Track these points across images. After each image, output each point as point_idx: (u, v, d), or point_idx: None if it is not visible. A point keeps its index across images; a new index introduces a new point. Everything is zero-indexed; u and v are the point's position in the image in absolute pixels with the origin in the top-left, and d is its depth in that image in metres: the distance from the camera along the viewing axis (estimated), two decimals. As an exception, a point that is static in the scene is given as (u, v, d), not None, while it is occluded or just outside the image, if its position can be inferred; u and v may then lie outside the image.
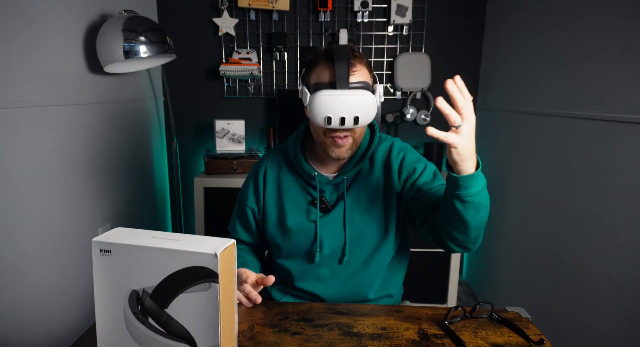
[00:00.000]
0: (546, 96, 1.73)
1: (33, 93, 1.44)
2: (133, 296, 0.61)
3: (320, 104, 0.87)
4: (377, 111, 0.91)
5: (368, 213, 1.01)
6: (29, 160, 1.43)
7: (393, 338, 0.81)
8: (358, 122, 0.88)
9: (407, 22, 2.29)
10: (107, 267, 0.60)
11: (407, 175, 1.00)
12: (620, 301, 1.27)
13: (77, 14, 1.67)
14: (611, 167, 1.33)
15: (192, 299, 0.60)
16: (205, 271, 0.58)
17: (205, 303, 0.59)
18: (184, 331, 0.61)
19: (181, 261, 0.58)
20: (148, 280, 0.60)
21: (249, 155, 2.21)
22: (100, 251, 0.60)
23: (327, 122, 0.88)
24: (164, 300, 0.60)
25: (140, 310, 0.61)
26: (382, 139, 1.07)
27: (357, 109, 0.87)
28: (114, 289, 0.61)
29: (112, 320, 0.62)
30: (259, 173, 1.09)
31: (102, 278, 0.61)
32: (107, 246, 0.60)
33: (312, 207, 1.02)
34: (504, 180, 2.11)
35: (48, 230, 1.53)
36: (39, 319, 1.47)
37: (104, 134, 1.88)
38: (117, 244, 0.60)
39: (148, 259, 0.59)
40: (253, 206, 1.08)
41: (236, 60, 2.26)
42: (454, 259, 2.18)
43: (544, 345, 0.77)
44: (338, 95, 0.86)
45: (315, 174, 1.01)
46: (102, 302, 0.62)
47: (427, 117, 2.38)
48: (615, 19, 1.34)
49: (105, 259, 0.60)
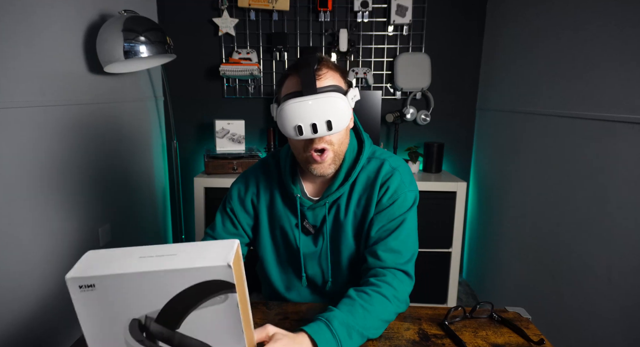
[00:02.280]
0: (546, 96, 1.73)
1: (33, 93, 1.44)
2: (134, 324, 0.53)
3: (288, 113, 0.82)
4: (351, 115, 0.83)
5: (350, 237, 0.97)
6: (29, 160, 1.43)
7: (393, 338, 0.81)
8: (332, 127, 0.82)
9: (407, 22, 2.29)
10: (93, 303, 0.50)
11: (381, 208, 0.94)
12: (620, 301, 1.27)
13: (77, 14, 1.67)
14: (611, 167, 1.33)
15: (208, 313, 0.53)
16: (217, 283, 0.51)
17: (224, 315, 0.54)
18: (201, 345, 0.56)
19: (188, 278, 0.51)
20: (148, 306, 0.52)
21: (249, 155, 2.21)
22: (80, 288, 0.49)
23: (299, 131, 0.82)
24: (173, 321, 0.53)
25: (147, 336, 0.54)
26: (373, 156, 0.98)
27: (327, 112, 0.81)
28: (107, 324, 0.52)
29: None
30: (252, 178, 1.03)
31: (88, 316, 0.51)
32: (87, 280, 0.49)
33: (296, 230, 0.99)
34: (504, 180, 2.11)
35: (48, 230, 1.53)
36: (39, 319, 1.47)
37: (104, 134, 1.87)
38: (101, 276, 0.49)
39: (144, 285, 0.50)
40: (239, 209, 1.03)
41: (236, 60, 2.26)
42: (454, 259, 2.18)
43: (544, 345, 0.77)
44: (305, 101, 0.81)
45: (298, 196, 0.95)
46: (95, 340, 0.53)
47: (427, 117, 2.38)
48: (615, 19, 1.34)
49: (89, 295, 0.50)
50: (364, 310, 0.81)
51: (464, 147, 2.53)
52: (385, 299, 0.84)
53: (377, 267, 0.90)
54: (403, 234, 0.92)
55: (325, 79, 0.85)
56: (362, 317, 0.80)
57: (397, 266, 0.89)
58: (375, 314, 0.81)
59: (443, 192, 2.10)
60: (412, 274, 0.92)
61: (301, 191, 0.97)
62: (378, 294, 0.84)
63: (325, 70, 0.87)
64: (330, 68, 0.88)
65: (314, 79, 0.82)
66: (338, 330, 0.76)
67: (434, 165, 2.30)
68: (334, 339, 0.75)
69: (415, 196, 0.96)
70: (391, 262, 0.90)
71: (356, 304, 0.81)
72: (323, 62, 0.88)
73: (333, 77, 0.87)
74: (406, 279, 0.90)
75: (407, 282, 0.90)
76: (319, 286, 1.03)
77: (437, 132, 2.49)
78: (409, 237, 0.93)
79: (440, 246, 2.17)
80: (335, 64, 0.91)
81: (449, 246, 2.17)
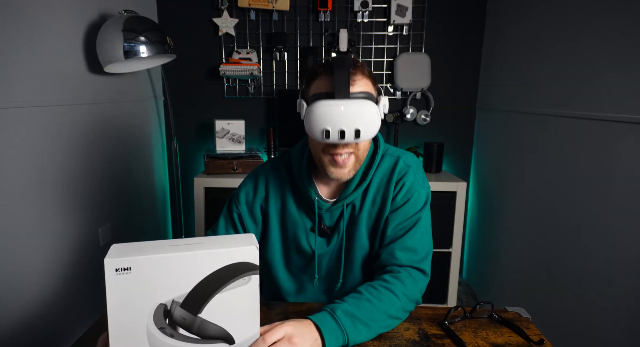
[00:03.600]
0: (546, 96, 1.73)
1: (33, 93, 1.44)
2: (159, 310, 0.56)
3: (318, 116, 0.78)
4: (379, 124, 0.81)
5: (365, 236, 0.97)
6: (29, 160, 1.43)
7: (393, 338, 0.81)
8: (360, 135, 0.79)
9: (407, 22, 2.29)
10: (127, 286, 0.54)
11: (396, 206, 0.94)
12: (620, 301, 1.27)
13: (77, 14, 1.67)
14: (611, 167, 1.33)
15: (230, 296, 0.59)
16: (244, 265, 0.58)
17: (245, 297, 0.60)
18: (220, 331, 0.60)
19: (218, 260, 0.57)
20: (177, 290, 0.56)
21: (249, 155, 2.21)
22: (117, 271, 0.53)
23: (326, 135, 0.79)
24: (197, 306, 0.58)
25: (169, 323, 0.57)
26: (386, 153, 0.97)
27: (358, 120, 0.78)
28: (136, 308, 0.55)
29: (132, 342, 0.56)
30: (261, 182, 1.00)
31: (120, 299, 0.54)
32: (125, 263, 0.53)
33: (311, 233, 0.97)
34: (504, 180, 2.11)
35: (48, 230, 1.53)
36: (39, 318, 1.47)
37: (104, 134, 1.87)
38: (139, 259, 0.53)
39: (177, 268, 0.55)
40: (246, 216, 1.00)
41: (236, 60, 2.26)
42: (454, 259, 2.18)
43: (544, 345, 0.77)
44: (337, 105, 0.78)
45: (315, 199, 0.94)
46: (118, 325, 0.55)
47: (427, 117, 2.38)
48: (615, 19, 1.34)
49: (124, 278, 0.53)
50: (370, 303, 0.81)
51: (464, 147, 2.53)
52: (393, 295, 0.84)
53: (393, 264, 0.91)
54: (419, 232, 0.93)
55: (359, 85, 0.82)
56: (368, 310, 0.80)
57: (413, 264, 0.91)
58: (382, 309, 0.81)
59: (443, 192, 2.10)
60: (427, 271, 0.93)
61: (316, 194, 0.95)
62: (386, 289, 0.84)
63: (361, 77, 0.83)
64: (364, 74, 0.85)
65: (348, 83, 0.79)
66: (342, 319, 0.77)
67: (434, 165, 2.30)
68: (338, 328, 0.75)
69: (428, 193, 0.98)
70: (407, 260, 0.91)
71: (363, 297, 0.82)
72: (358, 66, 0.84)
73: (366, 84, 0.84)
74: (421, 276, 0.91)
75: (421, 280, 0.91)
76: (329, 287, 1.03)
77: (437, 132, 2.49)
78: (424, 236, 0.94)
79: (440, 246, 2.17)
80: (370, 71, 0.87)
81: (449, 246, 2.17)
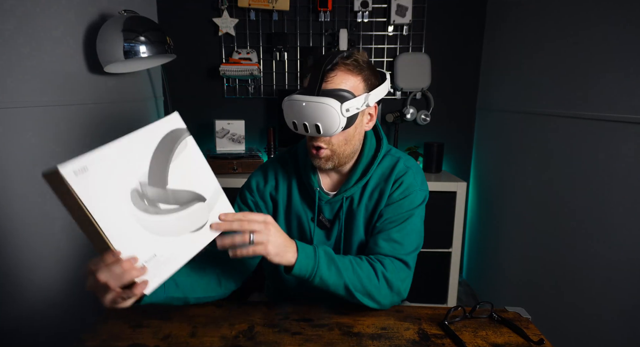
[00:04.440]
0: (546, 96, 1.73)
1: (33, 93, 1.44)
2: (135, 195, 0.60)
3: (286, 109, 0.87)
4: (343, 122, 0.84)
5: (361, 229, 0.99)
6: (29, 160, 1.43)
7: (393, 338, 0.81)
8: (320, 131, 0.84)
9: (407, 22, 2.29)
10: (92, 184, 0.56)
11: (391, 202, 0.96)
12: (620, 301, 1.27)
13: (77, 14, 1.67)
14: (611, 167, 1.33)
15: (181, 163, 0.66)
16: (175, 133, 0.66)
17: (191, 157, 0.68)
18: (191, 194, 0.67)
19: (153, 136, 0.63)
20: (138, 172, 0.61)
21: (249, 155, 2.21)
22: (75, 173, 0.54)
23: (294, 127, 0.87)
24: (161, 180, 0.63)
25: (148, 203, 0.62)
26: (388, 153, 1.01)
27: (317, 117, 0.83)
28: (112, 202, 0.58)
29: (128, 233, 0.60)
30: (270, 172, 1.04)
31: (94, 198, 0.56)
32: (78, 163, 0.55)
33: (311, 223, 1.00)
34: (504, 180, 2.11)
35: (48, 230, 1.53)
36: (39, 318, 1.47)
37: (104, 134, 1.87)
38: (89, 157, 0.56)
39: (126, 156, 0.59)
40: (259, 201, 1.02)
41: (236, 60, 2.26)
42: (454, 259, 2.18)
43: (544, 345, 0.77)
44: (299, 101, 0.84)
45: (317, 190, 0.97)
46: (109, 223, 0.58)
47: (427, 117, 2.38)
48: (615, 18, 1.34)
49: (85, 178, 0.55)
50: (351, 264, 0.86)
51: (464, 147, 2.53)
52: (373, 271, 0.87)
53: (377, 253, 0.92)
54: (407, 228, 0.94)
55: (333, 82, 0.85)
56: (347, 267, 0.85)
57: (397, 255, 0.91)
58: (360, 274, 0.86)
59: (443, 192, 2.10)
60: (411, 265, 0.93)
61: (319, 185, 0.99)
62: (369, 264, 0.88)
63: (341, 73, 0.85)
64: (348, 71, 0.86)
65: (318, 81, 0.84)
66: (320, 255, 0.83)
67: (434, 165, 2.30)
68: (313, 259, 0.82)
69: (425, 195, 0.99)
70: (390, 250, 0.91)
71: (347, 258, 0.88)
72: (346, 63, 0.86)
73: (345, 80, 0.85)
74: (403, 267, 0.91)
75: (403, 270, 0.91)
76: None
77: (437, 132, 2.49)
78: (413, 232, 0.94)
79: (440, 246, 2.17)
80: (361, 64, 0.88)
81: (449, 246, 2.17)
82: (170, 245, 0.65)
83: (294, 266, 0.80)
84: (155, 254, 0.63)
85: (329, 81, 0.85)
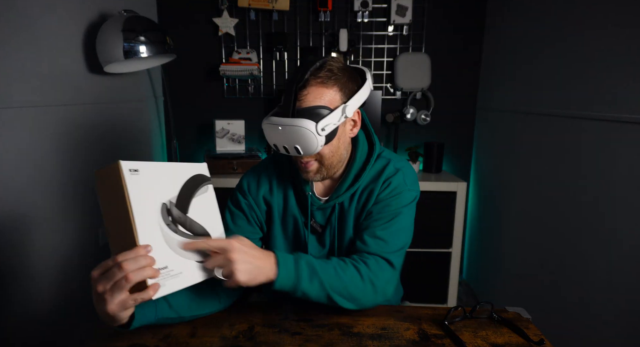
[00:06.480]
0: (546, 96, 1.73)
1: (33, 93, 1.44)
2: (164, 209, 0.70)
3: (265, 131, 0.87)
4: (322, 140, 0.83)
5: (352, 231, 0.98)
6: (28, 160, 1.43)
7: (393, 338, 0.81)
8: (300, 152, 0.84)
9: (407, 22, 2.29)
10: (139, 184, 0.67)
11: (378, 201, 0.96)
12: (620, 301, 1.27)
13: (76, 14, 1.67)
14: (611, 167, 1.33)
15: (201, 201, 0.77)
16: (203, 176, 0.79)
17: (208, 200, 0.79)
18: (202, 228, 0.77)
19: (187, 172, 0.76)
20: (171, 191, 0.72)
21: (249, 155, 2.21)
22: (130, 171, 0.66)
23: (276, 148, 0.87)
24: (184, 206, 0.74)
25: (172, 220, 0.71)
26: (380, 156, 1.00)
27: (294, 139, 0.82)
28: (148, 204, 0.68)
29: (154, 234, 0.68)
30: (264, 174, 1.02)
31: (137, 195, 0.66)
32: (134, 165, 0.67)
33: (305, 229, 1.00)
34: (504, 180, 2.11)
35: (48, 230, 1.53)
36: (39, 318, 1.47)
37: (103, 134, 1.87)
38: (142, 163, 0.68)
39: (167, 174, 0.72)
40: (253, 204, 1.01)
41: (236, 60, 2.26)
42: (454, 259, 2.18)
43: (544, 345, 0.77)
44: (275, 125, 0.83)
45: (309, 194, 0.97)
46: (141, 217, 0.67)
47: (427, 117, 2.38)
48: (615, 18, 1.34)
49: (135, 177, 0.67)
50: (335, 270, 0.84)
51: (464, 147, 2.53)
52: (358, 274, 0.86)
53: (362, 251, 0.92)
54: (394, 226, 0.93)
55: (306, 100, 0.83)
56: (331, 275, 0.83)
57: (381, 254, 0.91)
58: (344, 280, 0.84)
59: (443, 192, 2.10)
60: (396, 264, 0.92)
61: (311, 190, 0.98)
62: (353, 267, 0.87)
63: (315, 88, 0.83)
64: (321, 84, 0.83)
65: (292, 100, 0.82)
66: (302, 268, 0.81)
67: (434, 165, 2.30)
68: (294, 273, 0.80)
69: (415, 195, 0.98)
70: (375, 248, 0.91)
71: (331, 263, 0.86)
72: (315, 77, 0.83)
73: (320, 95, 0.83)
74: (387, 267, 0.91)
75: (387, 270, 0.90)
76: None
77: (437, 132, 2.49)
78: (400, 231, 0.94)
79: (440, 246, 2.17)
80: (335, 73, 0.85)
81: (449, 246, 2.17)
82: (180, 264, 0.71)
83: (275, 283, 0.79)
84: (167, 265, 0.69)
85: (302, 100, 0.83)
